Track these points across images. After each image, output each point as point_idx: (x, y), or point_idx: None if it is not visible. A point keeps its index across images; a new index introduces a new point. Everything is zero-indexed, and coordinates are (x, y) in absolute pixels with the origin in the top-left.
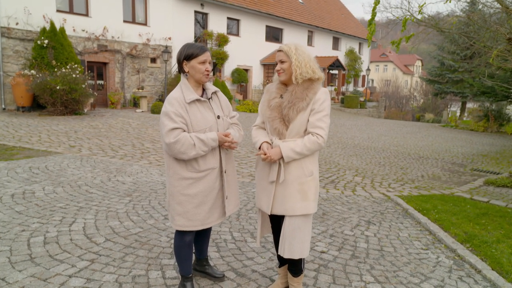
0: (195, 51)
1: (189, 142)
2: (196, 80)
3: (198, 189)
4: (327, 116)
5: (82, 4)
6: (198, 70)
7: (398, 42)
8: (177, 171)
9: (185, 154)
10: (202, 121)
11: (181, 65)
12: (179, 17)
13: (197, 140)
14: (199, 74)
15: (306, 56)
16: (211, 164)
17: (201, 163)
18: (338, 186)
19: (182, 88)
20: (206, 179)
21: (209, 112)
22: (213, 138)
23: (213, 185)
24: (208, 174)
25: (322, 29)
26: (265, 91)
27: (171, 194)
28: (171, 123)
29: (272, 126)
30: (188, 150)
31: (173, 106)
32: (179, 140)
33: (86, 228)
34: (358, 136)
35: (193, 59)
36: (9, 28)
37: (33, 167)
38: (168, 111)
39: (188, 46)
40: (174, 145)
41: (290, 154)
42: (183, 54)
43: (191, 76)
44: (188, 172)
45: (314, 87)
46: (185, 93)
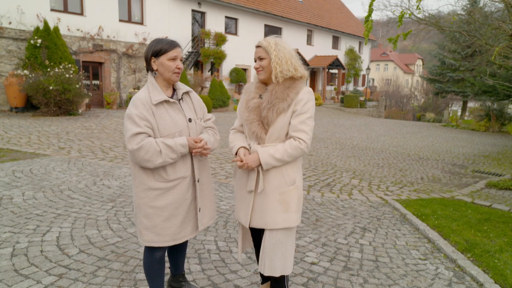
0: (164, 46)
1: (154, 148)
2: (166, 79)
3: (167, 201)
4: (310, 118)
5: (77, 3)
6: (167, 67)
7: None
8: (143, 180)
9: (150, 162)
10: (170, 125)
11: (149, 62)
12: (176, 16)
13: (164, 146)
14: (168, 72)
15: (287, 52)
16: (182, 173)
17: (170, 172)
18: (334, 190)
19: (149, 88)
20: (176, 189)
21: (179, 115)
22: (182, 144)
23: (184, 196)
24: (179, 184)
25: (321, 28)
26: (244, 91)
27: (138, 206)
28: (134, 127)
29: (250, 129)
30: (153, 157)
31: (137, 109)
32: (142, 147)
33: (60, 238)
34: (357, 136)
35: (162, 55)
36: (1, 27)
37: (17, 171)
38: (131, 114)
39: (157, 41)
40: (137, 152)
41: (269, 160)
42: (150, 50)
43: (160, 74)
44: (155, 182)
45: (296, 86)
46: (151, 94)
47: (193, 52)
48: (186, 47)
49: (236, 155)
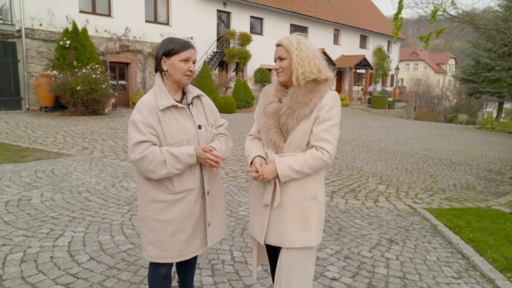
0: (176, 46)
1: (158, 158)
2: (175, 81)
3: (173, 215)
4: (335, 126)
5: (104, 4)
6: (178, 69)
7: (427, 37)
8: (148, 192)
9: (154, 173)
10: (178, 132)
11: (159, 61)
12: (201, 16)
13: (169, 156)
14: (179, 74)
15: (310, 51)
16: (189, 185)
17: (177, 183)
18: (359, 196)
19: (156, 91)
20: (183, 202)
21: (188, 121)
22: (189, 154)
23: (192, 210)
24: (186, 196)
25: (349, 27)
26: (262, 94)
27: (142, 219)
28: (137, 135)
29: (268, 136)
30: (157, 168)
31: (142, 114)
32: (146, 156)
33: (72, 243)
34: (385, 138)
35: (174, 55)
36: (33, 29)
37: (39, 171)
38: (135, 120)
39: (169, 40)
40: (140, 162)
41: (288, 172)
42: (162, 49)
43: (170, 76)
44: (161, 194)
45: (320, 90)
46: (158, 98)
47: (218, 52)
48: (211, 47)
49: (252, 164)
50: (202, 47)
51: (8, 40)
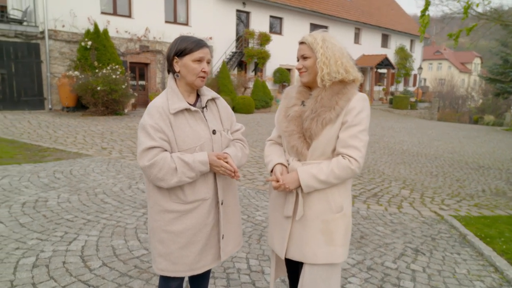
0: (189, 45)
1: (169, 165)
2: (188, 83)
3: (184, 226)
4: (364, 132)
5: (125, 5)
6: (191, 70)
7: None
8: (158, 201)
9: (163, 181)
10: (191, 138)
11: (171, 62)
12: (221, 16)
13: (180, 163)
14: (192, 76)
15: (336, 50)
16: (202, 194)
17: (188, 192)
18: (381, 201)
19: (168, 93)
20: (195, 213)
21: (202, 126)
22: (201, 161)
23: (205, 221)
24: (198, 206)
25: (370, 26)
26: (283, 96)
27: (152, 229)
28: (147, 140)
29: (290, 143)
30: (167, 176)
31: (152, 118)
32: (155, 163)
33: (85, 247)
34: (407, 140)
35: (187, 55)
36: (55, 30)
37: (57, 171)
38: (145, 124)
39: (182, 39)
40: (149, 169)
41: (311, 182)
42: (173, 49)
43: (183, 77)
44: (171, 203)
45: (347, 92)
46: (170, 101)
47: (237, 52)
48: (230, 48)
49: (272, 172)
50: (221, 47)
51: (32, 42)
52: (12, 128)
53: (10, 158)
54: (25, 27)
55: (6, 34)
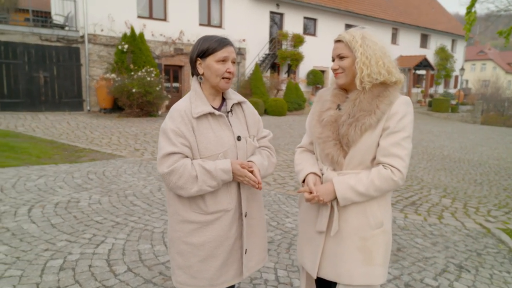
0: (212, 45)
1: (189, 173)
2: (213, 86)
3: (205, 238)
4: (407, 139)
5: (161, 9)
6: (215, 71)
7: (508, 32)
8: (178, 210)
9: (183, 190)
10: (214, 144)
11: (194, 64)
12: (254, 18)
13: (201, 171)
14: (216, 77)
15: (378, 48)
16: (224, 205)
17: (210, 202)
18: (420, 210)
19: (192, 96)
20: (216, 224)
21: (226, 131)
22: (224, 169)
23: (227, 234)
24: (220, 218)
25: (408, 25)
26: (316, 99)
27: (171, 240)
28: (167, 146)
29: (324, 150)
30: (187, 184)
31: (174, 122)
32: (175, 170)
33: (112, 251)
34: (448, 145)
35: (210, 55)
36: (95, 34)
37: (91, 172)
38: (166, 129)
39: (204, 39)
40: (168, 176)
41: (348, 194)
42: (196, 50)
43: (207, 79)
44: (192, 213)
45: (389, 95)
46: (193, 104)
47: (270, 54)
48: (263, 49)
49: (304, 183)
50: (254, 49)
51: (73, 46)
52: (52, 129)
53: (48, 158)
54: (66, 32)
55: (49, 38)
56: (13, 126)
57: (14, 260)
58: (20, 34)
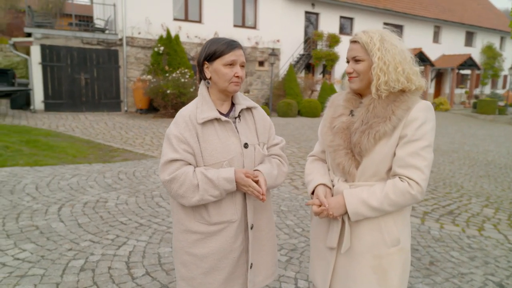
0: (219, 47)
1: (190, 181)
2: (221, 90)
3: (208, 249)
4: (428, 148)
5: (196, 12)
6: (222, 75)
7: None
8: (182, 220)
9: (184, 199)
10: (219, 151)
11: (201, 68)
12: (289, 18)
13: (203, 180)
14: (224, 82)
15: (397, 53)
16: (228, 216)
17: (213, 213)
18: (458, 221)
19: (198, 101)
20: (220, 236)
21: (232, 138)
22: (227, 178)
23: (231, 246)
24: (224, 229)
25: (452, 23)
26: (329, 104)
27: (175, 249)
28: (170, 152)
29: (335, 160)
30: (188, 193)
31: (178, 127)
32: (176, 178)
33: (132, 253)
34: (494, 150)
35: (217, 59)
36: (132, 37)
37: (122, 172)
38: (169, 135)
39: (212, 41)
40: (169, 184)
41: (360, 209)
42: (203, 53)
43: (214, 84)
44: (195, 223)
45: (407, 100)
46: (199, 109)
47: (305, 54)
48: (297, 50)
49: (313, 195)
50: (288, 50)
51: (112, 48)
52: (90, 129)
53: (83, 157)
54: (106, 35)
55: (90, 42)
56: (54, 126)
57: (38, 258)
58: (64, 38)
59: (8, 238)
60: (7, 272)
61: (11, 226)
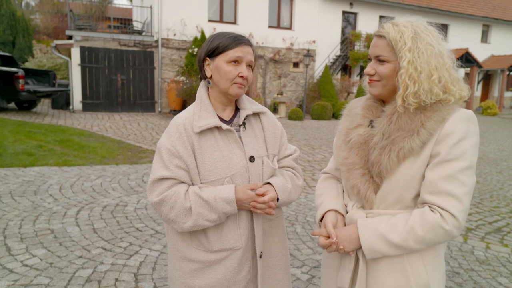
0: (224, 41)
1: (181, 204)
2: (222, 92)
3: (208, 281)
4: (468, 171)
5: (231, 13)
6: (224, 74)
7: None
8: (178, 245)
9: (176, 224)
10: (220, 166)
11: (202, 65)
12: (325, 18)
13: (197, 202)
14: (226, 82)
15: (434, 55)
16: (230, 242)
17: (213, 239)
18: (506, 240)
19: (195, 106)
20: (222, 265)
21: (236, 150)
22: (226, 199)
23: (235, 277)
24: (226, 258)
25: (502, 21)
26: (345, 112)
27: (171, 278)
28: (159, 169)
29: (349, 181)
30: (179, 217)
31: (170, 138)
32: (165, 200)
33: (143, 264)
34: None
35: (219, 54)
36: (168, 39)
37: (146, 174)
38: (160, 147)
39: (216, 35)
40: (158, 206)
41: (378, 245)
42: (205, 48)
43: (215, 84)
44: (193, 250)
45: (440, 109)
46: (196, 115)
47: (341, 55)
48: (334, 51)
49: (321, 222)
50: (324, 51)
51: (148, 50)
52: (123, 129)
53: (112, 158)
54: (142, 37)
55: (127, 43)
56: (89, 125)
57: (47, 266)
58: (102, 40)
59: (22, 242)
60: (12, 280)
61: (27, 229)
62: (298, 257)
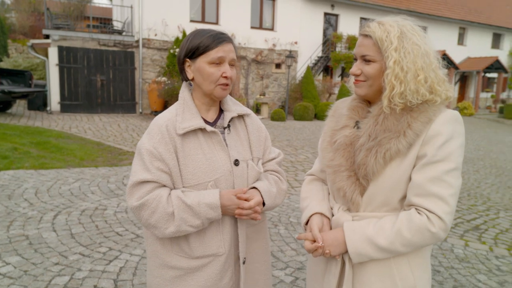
0: (204, 41)
1: (163, 208)
2: (206, 94)
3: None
4: (454, 172)
5: (213, 13)
6: (207, 75)
7: None
8: (158, 251)
9: (157, 229)
10: (203, 169)
11: (182, 66)
12: (307, 20)
13: (180, 207)
14: (209, 84)
15: (419, 55)
16: (213, 248)
17: (195, 245)
18: (485, 238)
19: (178, 107)
20: (203, 272)
21: (220, 153)
22: (210, 204)
23: (217, 284)
24: (208, 264)
25: (478, 24)
26: (331, 113)
27: (150, 286)
28: (140, 171)
29: (335, 183)
30: (161, 223)
31: (151, 140)
32: (146, 204)
33: (123, 269)
34: None
35: (201, 55)
36: (149, 39)
37: (127, 177)
38: (140, 148)
39: (195, 34)
40: (138, 211)
41: (364, 249)
42: (184, 48)
43: (198, 86)
44: (174, 257)
45: (427, 109)
46: (179, 116)
47: (323, 57)
48: (315, 52)
49: (307, 225)
50: (306, 52)
51: (128, 50)
52: (103, 131)
53: (91, 160)
54: (122, 37)
55: (106, 43)
56: (68, 127)
57: (21, 274)
58: (81, 39)
59: None
60: None
61: (0, 236)
62: (282, 258)
